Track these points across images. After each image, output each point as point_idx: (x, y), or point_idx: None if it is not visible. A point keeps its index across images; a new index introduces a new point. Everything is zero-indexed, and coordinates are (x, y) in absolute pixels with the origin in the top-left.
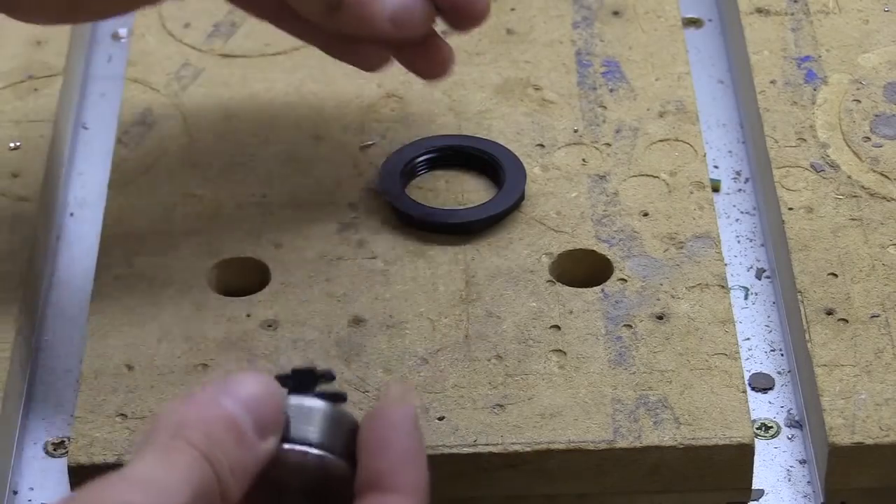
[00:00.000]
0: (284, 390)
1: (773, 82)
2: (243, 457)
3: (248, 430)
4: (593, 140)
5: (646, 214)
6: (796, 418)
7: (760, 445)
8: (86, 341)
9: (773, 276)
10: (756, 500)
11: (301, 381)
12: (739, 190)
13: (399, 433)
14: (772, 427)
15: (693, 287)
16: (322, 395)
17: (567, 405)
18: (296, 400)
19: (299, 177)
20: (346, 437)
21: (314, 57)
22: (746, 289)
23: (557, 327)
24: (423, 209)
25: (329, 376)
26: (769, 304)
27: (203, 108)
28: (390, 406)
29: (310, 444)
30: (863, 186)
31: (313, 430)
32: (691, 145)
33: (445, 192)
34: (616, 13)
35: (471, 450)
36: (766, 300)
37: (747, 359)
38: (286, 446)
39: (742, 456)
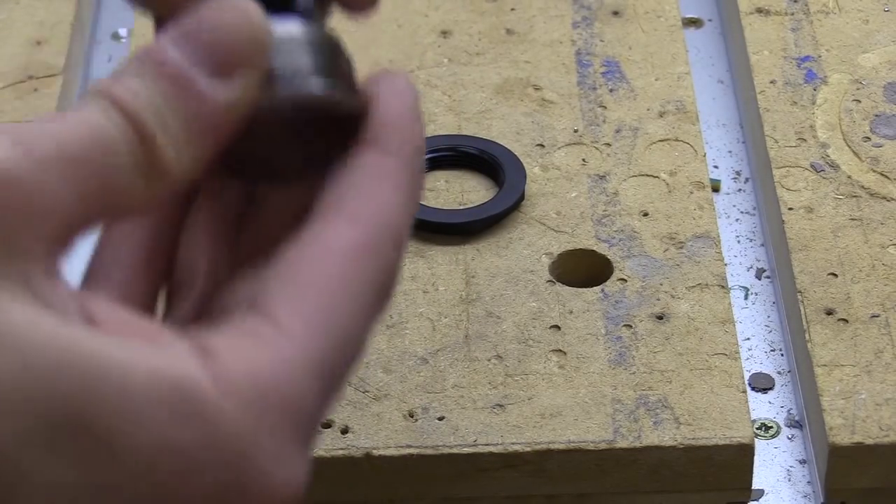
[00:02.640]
0: (259, 7)
1: (773, 82)
2: (190, 112)
3: (197, 73)
4: (593, 140)
5: (646, 214)
6: (796, 418)
7: (760, 445)
8: None
9: (773, 276)
10: (756, 500)
11: None
12: (739, 190)
13: (405, 97)
14: (772, 427)
15: (693, 287)
16: (303, 13)
17: (567, 405)
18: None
19: None
20: (345, 67)
21: None
22: (746, 289)
23: (557, 327)
24: (423, 209)
25: None
26: (769, 304)
27: None
28: (394, 76)
29: (306, 77)
30: (863, 186)
31: (307, 60)
32: (691, 145)
33: (445, 192)
34: (616, 13)
35: (471, 450)
36: (766, 300)
37: (747, 359)
38: (277, 87)
39: (742, 456)
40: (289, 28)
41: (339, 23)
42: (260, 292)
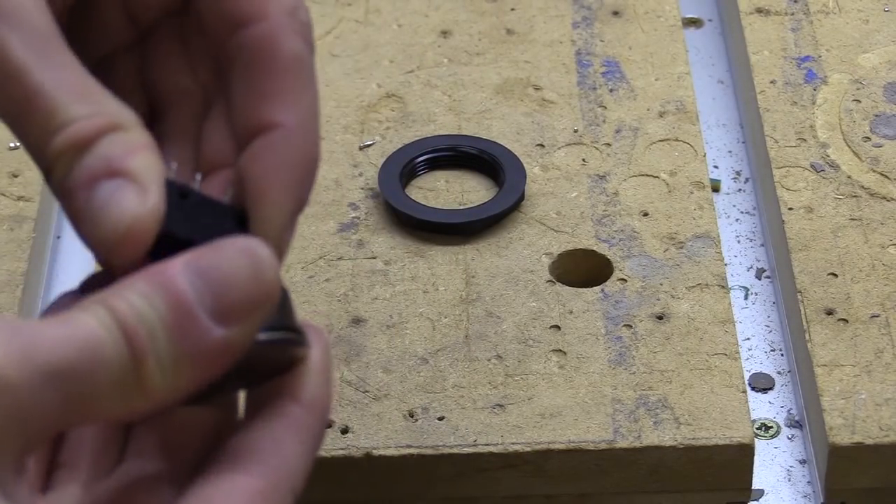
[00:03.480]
0: (276, 262)
1: (773, 82)
2: (185, 345)
3: (202, 312)
4: (593, 140)
5: (646, 214)
6: (796, 418)
7: (760, 445)
8: None
9: (773, 276)
10: (756, 500)
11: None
12: (739, 190)
13: (326, 355)
14: (772, 427)
15: (693, 287)
16: None
17: (567, 405)
18: None
19: None
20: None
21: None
22: (746, 289)
23: (557, 327)
24: (423, 209)
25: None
26: (769, 304)
27: None
28: (317, 331)
29: (274, 329)
30: (863, 186)
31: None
32: (691, 145)
33: (445, 192)
34: (616, 13)
35: (471, 450)
36: (766, 300)
37: (747, 359)
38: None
39: (742, 456)
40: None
41: (340, 23)
42: None
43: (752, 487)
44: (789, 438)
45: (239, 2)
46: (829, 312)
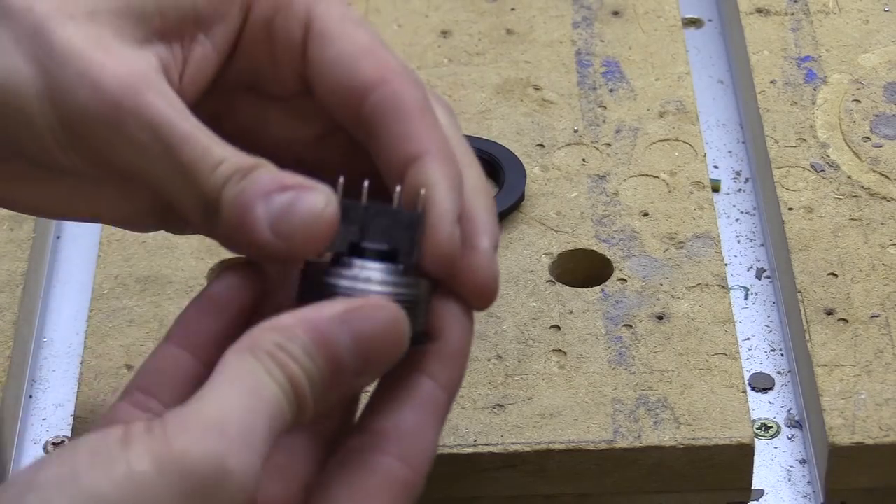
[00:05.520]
0: (408, 332)
1: (773, 82)
2: (329, 395)
3: (351, 371)
4: (593, 140)
5: (646, 214)
6: (796, 418)
7: (760, 445)
8: (86, 341)
9: (773, 276)
10: (756, 500)
11: (374, 227)
12: (739, 190)
13: (467, 335)
14: (772, 427)
15: (693, 287)
16: (396, 249)
17: (567, 405)
18: (357, 272)
19: None
20: (413, 310)
21: None
22: (746, 289)
23: (557, 327)
24: None
25: (415, 223)
26: (769, 304)
27: None
28: (459, 304)
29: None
30: (863, 186)
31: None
32: (691, 145)
33: None
34: (616, 13)
35: (471, 450)
36: (766, 300)
37: (747, 359)
38: None
39: (742, 456)
40: (377, 277)
41: None
42: None
43: (752, 487)
44: (789, 438)
45: (366, 72)
46: (829, 312)
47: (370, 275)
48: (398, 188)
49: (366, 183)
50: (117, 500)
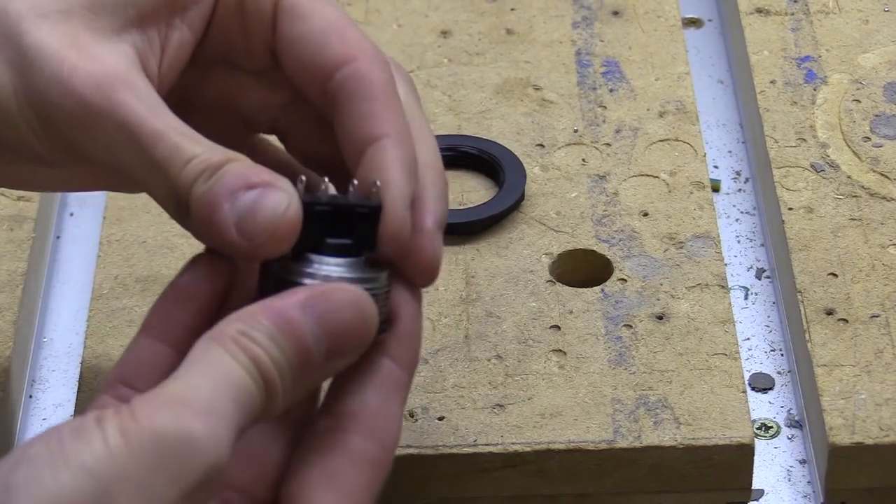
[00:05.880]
0: (376, 315)
1: (773, 82)
2: (301, 381)
3: (319, 355)
4: (593, 140)
5: (646, 214)
6: (796, 418)
7: (760, 445)
8: (86, 341)
9: (773, 276)
10: (756, 500)
11: (335, 223)
12: (739, 190)
13: (418, 316)
14: (772, 427)
15: (693, 287)
16: (356, 243)
17: (567, 405)
18: (316, 268)
19: None
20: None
21: None
22: (746, 289)
23: (557, 327)
24: None
25: (372, 215)
26: (769, 304)
27: None
28: (413, 297)
29: None
30: (863, 186)
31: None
32: (691, 145)
33: None
34: (616, 13)
35: (471, 450)
36: (766, 300)
37: (747, 359)
38: None
39: (742, 456)
40: (337, 274)
41: None
42: (297, 496)
43: (752, 487)
44: (789, 438)
45: (334, 50)
46: (829, 312)
47: (330, 270)
48: (354, 181)
49: (326, 179)
50: (98, 471)
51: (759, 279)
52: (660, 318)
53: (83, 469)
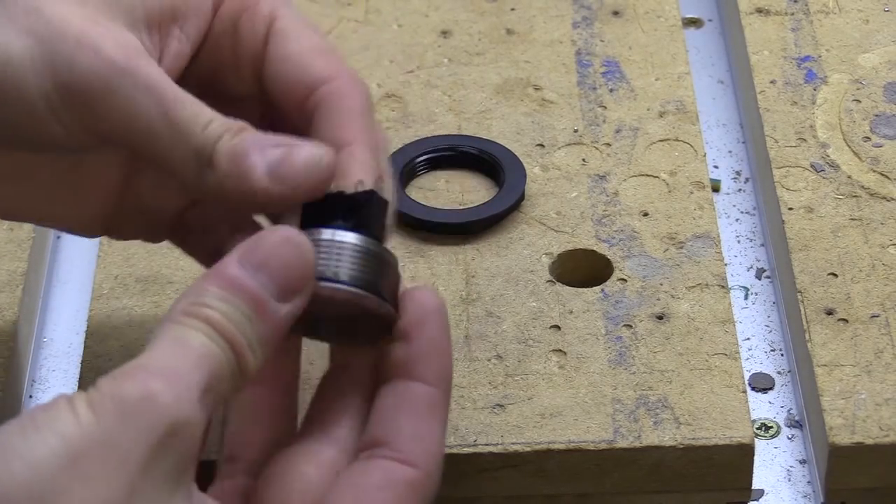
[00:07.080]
0: (310, 244)
1: (773, 82)
2: (264, 329)
3: (269, 298)
4: (593, 140)
5: (646, 214)
6: (796, 418)
7: (760, 445)
8: (86, 341)
9: (773, 276)
10: (756, 500)
11: (338, 208)
12: (739, 190)
13: (441, 321)
14: (772, 427)
15: (693, 287)
16: (359, 228)
17: (567, 405)
18: (329, 233)
19: None
20: (381, 272)
21: None
22: (746, 289)
23: (557, 327)
24: (424, 209)
25: (373, 202)
26: (769, 304)
27: None
28: (424, 292)
29: (339, 281)
30: (863, 186)
31: (344, 266)
32: (691, 145)
33: (445, 192)
34: (616, 13)
35: (471, 450)
36: (766, 300)
37: (747, 359)
38: (320, 283)
39: (742, 456)
40: (349, 238)
41: (340, 23)
42: None
43: (753, 487)
44: (789, 438)
45: (318, 68)
46: (829, 312)
47: (345, 236)
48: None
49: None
50: (67, 434)
51: (759, 279)
52: (660, 318)
53: (53, 433)
